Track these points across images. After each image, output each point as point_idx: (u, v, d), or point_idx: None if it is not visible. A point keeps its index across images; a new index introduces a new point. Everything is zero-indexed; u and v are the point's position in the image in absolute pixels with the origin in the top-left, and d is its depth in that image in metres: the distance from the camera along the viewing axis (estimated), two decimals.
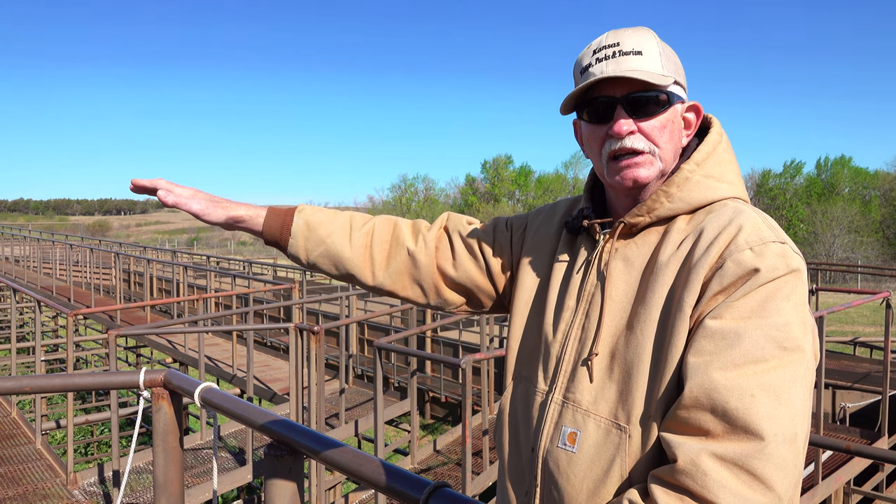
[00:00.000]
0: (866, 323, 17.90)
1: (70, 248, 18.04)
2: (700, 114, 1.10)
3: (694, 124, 1.09)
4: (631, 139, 1.03)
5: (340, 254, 1.29)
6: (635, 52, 1.02)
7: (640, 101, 1.02)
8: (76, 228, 59.18)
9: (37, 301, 7.17)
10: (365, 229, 1.31)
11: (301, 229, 1.28)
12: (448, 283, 1.31)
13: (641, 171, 1.03)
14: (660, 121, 1.04)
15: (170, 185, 1.26)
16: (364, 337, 10.89)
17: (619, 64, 1.02)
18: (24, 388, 2.15)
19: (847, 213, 38.53)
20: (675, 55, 1.08)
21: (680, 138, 1.08)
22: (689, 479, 0.84)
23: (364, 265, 1.30)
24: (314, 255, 1.29)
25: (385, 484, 1.26)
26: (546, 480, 1.06)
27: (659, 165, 1.04)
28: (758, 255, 0.91)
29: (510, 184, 57.97)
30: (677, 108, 1.06)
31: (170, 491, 2.04)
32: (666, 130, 1.04)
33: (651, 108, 1.03)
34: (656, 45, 1.05)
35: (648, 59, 1.03)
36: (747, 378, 0.86)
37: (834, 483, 5.31)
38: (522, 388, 1.16)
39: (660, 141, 1.04)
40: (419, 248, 1.30)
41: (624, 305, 1.03)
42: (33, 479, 5.40)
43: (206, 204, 1.26)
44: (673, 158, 1.07)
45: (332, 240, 1.29)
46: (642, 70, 1.01)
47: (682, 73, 1.08)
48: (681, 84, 1.07)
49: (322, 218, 1.30)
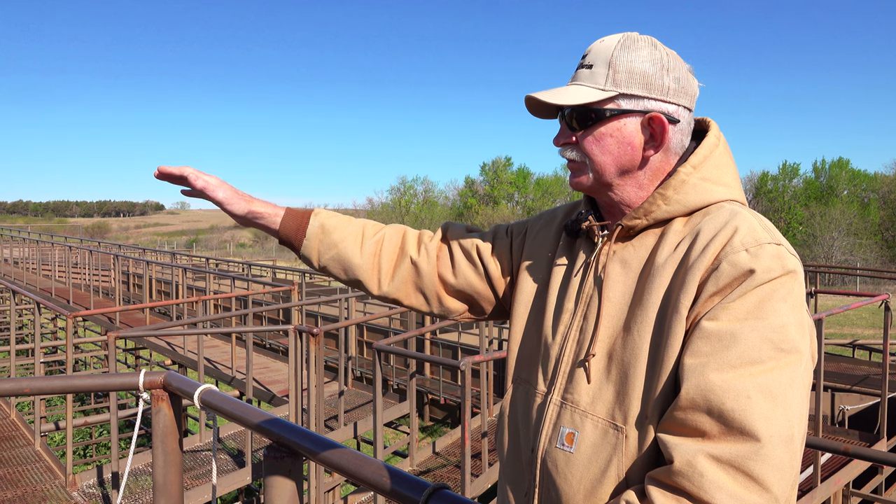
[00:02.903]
0: (865, 325, 17.89)
1: (69, 249, 18.04)
2: (661, 125, 1.05)
3: (658, 134, 1.06)
4: (564, 150, 1.12)
5: (351, 260, 1.32)
6: (588, 66, 1.08)
7: (578, 116, 1.08)
8: (75, 230, 59.13)
9: (36, 303, 7.17)
10: (376, 238, 1.34)
11: (316, 232, 1.32)
12: (449, 290, 1.34)
13: (575, 178, 1.12)
14: (593, 135, 1.07)
15: (198, 172, 1.30)
16: (363, 339, 10.88)
17: (575, 77, 1.09)
18: (24, 390, 2.15)
19: (846, 215, 38.54)
20: (656, 63, 1.05)
21: (630, 150, 1.06)
22: (686, 481, 0.85)
23: (372, 273, 1.33)
24: (325, 259, 1.33)
25: (384, 486, 1.27)
26: (544, 481, 1.06)
27: (591, 175, 1.09)
28: (753, 257, 0.92)
29: (509, 186, 57.97)
30: (625, 121, 1.05)
31: (169, 493, 2.04)
32: (599, 143, 1.07)
33: (584, 123, 1.08)
34: (610, 58, 1.05)
35: (594, 74, 1.06)
36: (744, 379, 0.86)
37: (833, 486, 5.31)
38: (522, 390, 1.17)
39: (592, 153, 1.08)
40: (422, 257, 1.33)
41: (621, 307, 1.03)
42: (32, 481, 5.39)
43: (230, 194, 1.30)
44: (619, 170, 1.08)
45: (345, 245, 1.32)
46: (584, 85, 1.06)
47: (649, 83, 1.05)
48: (638, 95, 1.04)
49: (336, 223, 1.34)
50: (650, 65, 1.05)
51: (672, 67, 1.07)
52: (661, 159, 1.08)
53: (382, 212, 55.80)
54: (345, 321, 7.75)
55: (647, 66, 1.05)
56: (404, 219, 52.68)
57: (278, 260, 32.53)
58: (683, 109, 1.08)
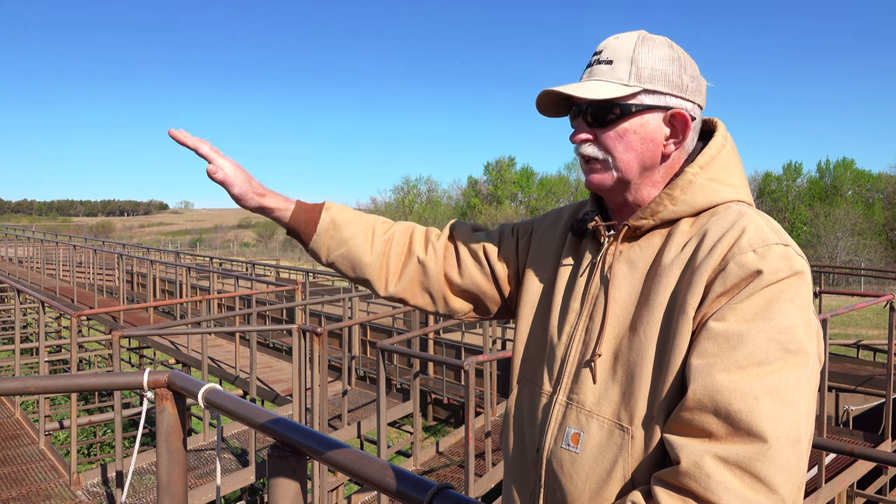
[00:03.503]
0: (870, 326, 17.85)
1: (73, 249, 18.05)
2: (683, 121, 1.06)
3: (682, 132, 1.07)
4: (584, 147, 1.08)
5: (361, 258, 1.30)
6: (607, 61, 1.06)
7: (597, 111, 1.06)
8: (79, 229, 59.29)
9: (40, 302, 7.19)
10: (385, 237, 1.32)
11: (327, 227, 1.29)
12: (454, 290, 1.33)
13: (595, 175, 1.08)
14: (615, 131, 1.05)
15: (214, 151, 1.24)
16: (367, 339, 10.90)
17: (591, 73, 1.07)
18: (28, 389, 2.16)
19: (850, 215, 38.43)
20: (674, 61, 1.06)
21: (651, 147, 1.06)
22: (693, 481, 0.84)
23: (380, 273, 1.32)
24: (335, 255, 1.30)
25: (388, 485, 1.27)
26: (550, 481, 1.06)
27: (613, 174, 1.07)
28: (761, 258, 0.91)
29: (513, 185, 57.96)
30: (647, 117, 1.05)
31: (173, 492, 2.04)
32: (623, 140, 1.05)
33: (606, 119, 1.05)
34: (631, 54, 1.05)
35: (615, 70, 1.05)
36: (751, 380, 0.86)
37: (837, 486, 5.29)
38: (527, 391, 1.17)
39: (614, 150, 1.06)
40: (429, 256, 1.32)
41: (627, 307, 1.03)
42: (37, 480, 5.41)
43: (244, 189, 1.25)
44: (641, 167, 1.07)
45: (355, 242, 1.30)
46: (605, 81, 1.04)
47: (674, 79, 1.06)
48: (660, 91, 1.05)
49: (348, 219, 1.31)
50: (669, 62, 1.06)
51: (688, 66, 1.08)
52: (675, 157, 1.09)
53: (386, 211, 55.81)
54: (348, 321, 7.76)
55: (666, 63, 1.06)
56: (408, 218, 52.68)
57: (282, 259, 32.60)
58: (697, 108, 1.09)
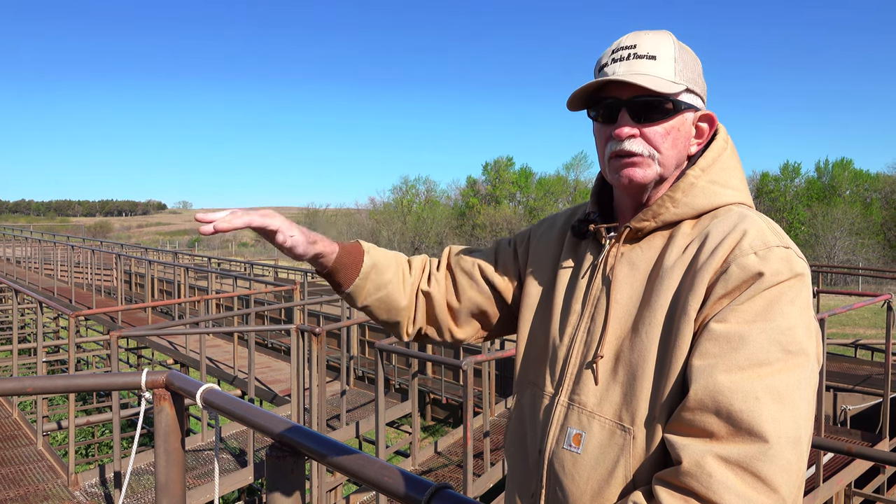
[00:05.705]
0: (867, 325, 17.86)
1: (71, 249, 18.03)
2: (714, 124, 1.09)
3: (706, 133, 1.09)
4: (630, 142, 1.03)
5: (398, 302, 1.25)
6: (649, 56, 1.03)
7: (644, 106, 1.03)
8: (77, 229, 59.25)
9: (38, 302, 7.18)
10: (412, 279, 1.28)
11: (368, 271, 1.21)
12: (455, 316, 1.31)
13: (637, 171, 1.04)
14: (663, 127, 1.04)
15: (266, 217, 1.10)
16: (365, 338, 10.89)
17: (631, 67, 1.03)
18: (26, 389, 2.15)
19: (848, 215, 38.46)
20: (697, 62, 1.08)
21: (686, 146, 1.08)
22: (694, 481, 0.85)
23: (410, 316, 1.29)
24: (372, 299, 1.23)
25: (387, 485, 1.27)
26: (551, 482, 1.06)
27: (657, 169, 1.05)
28: (762, 260, 0.92)
29: (511, 185, 57.93)
30: (687, 116, 1.06)
31: (171, 492, 2.04)
32: (669, 137, 1.04)
33: (655, 114, 1.03)
34: (673, 51, 1.04)
35: (661, 65, 1.03)
36: (752, 381, 0.86)
37: (835, 485, 5.30)
38: (530, 392, 1.17)
39: (661, 146, 1.04)
40: (432, 287, 1.29)
41: (629, 309, 1.03)
42: (34, 480, 5.40)
43: (305, 248, 1.13)
44: (676, 165, 1.07)
45: (392, 287, 1.24)
46: (652, 75, 1.02)
47: (700, 81, 1.08)
48: (696, 92, 1.07)
49: (385, 262, 1.24)
50: (695, 64, 1.08)
51: (700, 69, 1.09)
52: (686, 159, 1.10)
53: (384, 211, 55.79)
54: (347, 321, 7.76)
55: (695, 64, 1.07)
56: (406, 218, 52.63)
57: (280, 259, 32.53)
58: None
